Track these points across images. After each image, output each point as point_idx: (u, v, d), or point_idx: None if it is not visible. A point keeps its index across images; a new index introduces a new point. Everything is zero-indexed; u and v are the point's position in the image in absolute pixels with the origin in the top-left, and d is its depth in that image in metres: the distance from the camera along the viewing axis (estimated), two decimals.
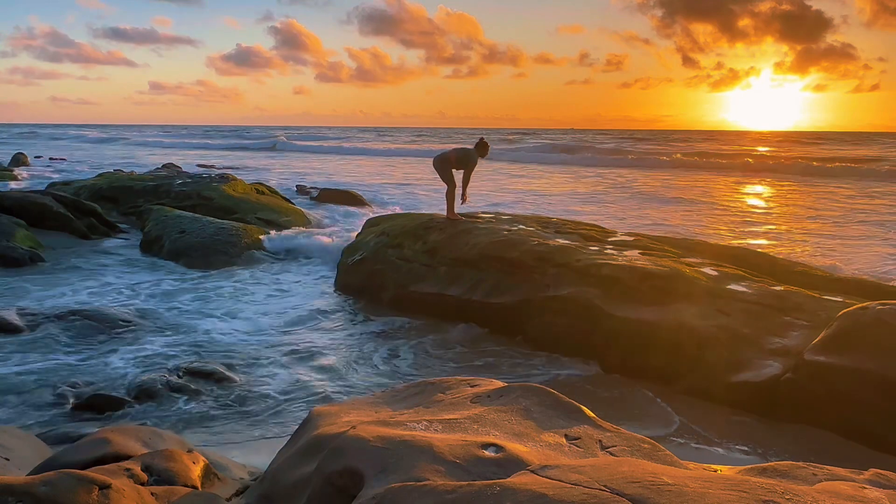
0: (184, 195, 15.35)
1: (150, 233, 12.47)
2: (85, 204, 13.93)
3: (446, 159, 9.10)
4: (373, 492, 2.20)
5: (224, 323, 7.84)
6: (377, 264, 9.14)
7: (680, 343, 6.05)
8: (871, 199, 21.03)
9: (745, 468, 2.41)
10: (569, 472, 2.11)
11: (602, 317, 6.61)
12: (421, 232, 9.06)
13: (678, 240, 9.13)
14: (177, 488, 3.07)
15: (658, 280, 6.72)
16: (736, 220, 16.52)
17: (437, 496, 2.05)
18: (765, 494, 1.93)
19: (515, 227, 8.67)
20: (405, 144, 62.46)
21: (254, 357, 6.68)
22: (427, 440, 2.44)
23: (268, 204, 15.27)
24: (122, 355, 6.58)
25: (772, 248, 12.26)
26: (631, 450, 2.51)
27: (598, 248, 7.83)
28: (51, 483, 2.58)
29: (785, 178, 29.11)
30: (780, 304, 6.22)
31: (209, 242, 11.57)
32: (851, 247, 12.72)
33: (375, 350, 7.03)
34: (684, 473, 2.14)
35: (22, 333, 7.14)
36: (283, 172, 31.40)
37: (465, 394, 3.08)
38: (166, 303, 8.60)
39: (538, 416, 2.79)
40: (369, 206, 18.76)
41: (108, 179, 17.65)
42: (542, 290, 7.20)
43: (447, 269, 8.23)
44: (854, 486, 2.10)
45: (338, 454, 2.51)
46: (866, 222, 15.94)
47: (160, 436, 3.86)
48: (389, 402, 3.22)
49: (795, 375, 5.27)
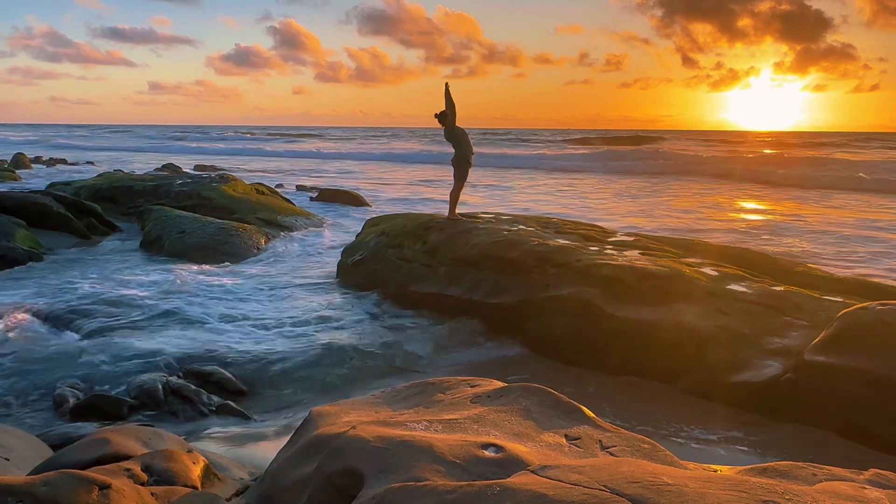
0: (184, 195, 15.36)
1: (149, 233, 12.47)
2: (85, 204, 13.93)
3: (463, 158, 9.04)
4: (373, 492, 2.20)
5: (224, 323, 7.83)
6: (377, 264, 9.15)
7: (680, 343, 6.05)
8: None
9: (745, 468, 2.41)
10: (569, 472, 2.11)
11: (602, 317, 6.61)
12: (421, 232, 9.06)
13: (678, 240, 9.13)
14: (177, 488, 3.07)
15: (658, 280, 6.72)
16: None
17: (437, 496, 2.05)
18: (765, 494, 1.93)
19: (515, 228, 8.67)
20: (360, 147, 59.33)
21: (253, 357, 6.67)
22: (427, 440, 2.44)
23: (267, 204, 15.27)
24: (121, 355, 6.57)
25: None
26: (631, 450, 2.51)
27: (597, 249, 7.82)
28: (51, 483, 2.59)
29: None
30: (780, 304, 6.22)
31: (209, 242, 11.58)
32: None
33: (375, 350, 7.03)
34: (684, 473, 2.14)
35: (22, 333, 7.14)
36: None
37: (465, 394, 3.08)
38: (166, 303, 8.59)
39: (538, 416, 2.79)
40: (369, 206, 18.77)
41: (107, 179, 17.65)
42: (542, 291, 7.20)
43: (447, 269, 8.23)
44: (854, 486, 2.10)
45: (338, 454, 2.51)
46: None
47: (160, 436, 3.86)
48: (389, 402, 3.22)
49: (795, 375, 5.27)
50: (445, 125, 8.90)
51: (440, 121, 8.91)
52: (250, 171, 33.22)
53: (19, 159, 32.80)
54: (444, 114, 8.85)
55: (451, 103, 8.80)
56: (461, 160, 9.01)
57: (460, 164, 9.03)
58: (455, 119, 8.86)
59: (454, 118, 8.84)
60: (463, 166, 9.03)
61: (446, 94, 8.81)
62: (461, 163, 9.02)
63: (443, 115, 8.86)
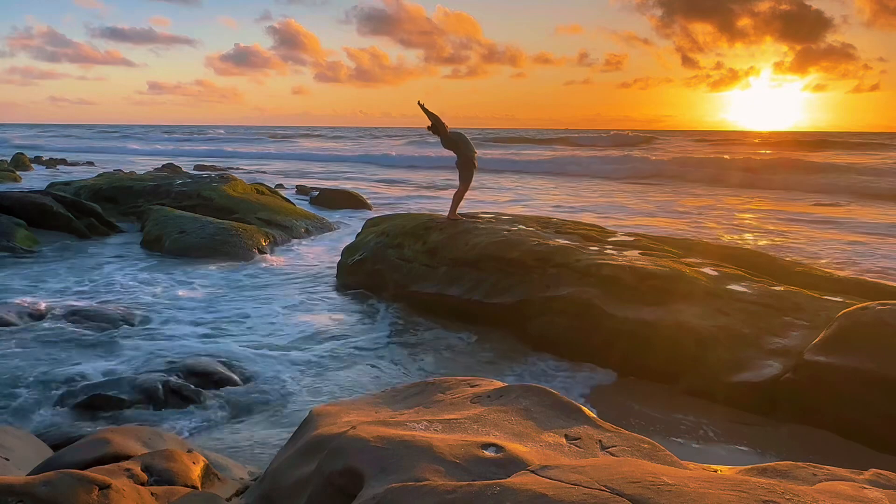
0: (184, 195, 15.36)
1: (150, 232, 12.48)
2: (85, 204, 13.93)
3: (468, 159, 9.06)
4: (373, 492, 2.20)
5: (224, 322, 7.83)
6: (377, 264, 9.15)
7: (680, 343, 6.04)
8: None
9: (745, 468, 2.41)
10: (569, 472, 2.11)
11: (602, 317, 6.61)
12: (421, 232, 9.06)
13: (678, 240, 9.13)
14: (177, 488, 3.07)
15: (658, 280, 6.72)
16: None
17: (437, 496, 2.05)
18: (765, 494, 1.93)
19: (515, 228, 8.67)
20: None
21: (254, 357, 6.67)
22: (427, 440, 2.44)
23: (268, 204, 15.26)
24: (121, 355, 6.57)
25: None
26: (631, 450, 2.50)
27: (597, 249, 7.82)
28: (51, 483, 2.58)
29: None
30: (780, 304, 6.22)
31: (209, 242, 11.58)
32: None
33: (376, 350, 7.03)
34: (684, 473, 2.14)
35: (21, 333, 7.14)
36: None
37: (465, 394, 3.08)
38: (166, 302, 8.60)
39: (538, 416, 2.79)
40: (368, 207, 18.77)
41: (108, 179, 17.65)
42: (542, 291, 7.20)
43: (447, 269, 8.23)
44: (854, 486, 2.10)
45: (338, 454, 2.51)
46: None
47: (160, 436, 3.86)
48: (389, 402, 3.22)
49: (795, 375, 5.27)
50: (439, 135, 8.96)
51: (433, 133, 8.97)
52: (250, 171, 33.23)
53: (19, 159, 32.81)
54: (432, 127, 8.91)
55: (432, 115, 8.83)
56: (466, 163, 9.02)
57: (466, 166, 9.04)
58: (445, 127, 8.90)
59: (444, 126, 8.88)
60: (468, 168, 9.04)
61: (424, 111, 8.84)
62: (466, 165, 9.03)
63: (432, 128, 8.92)
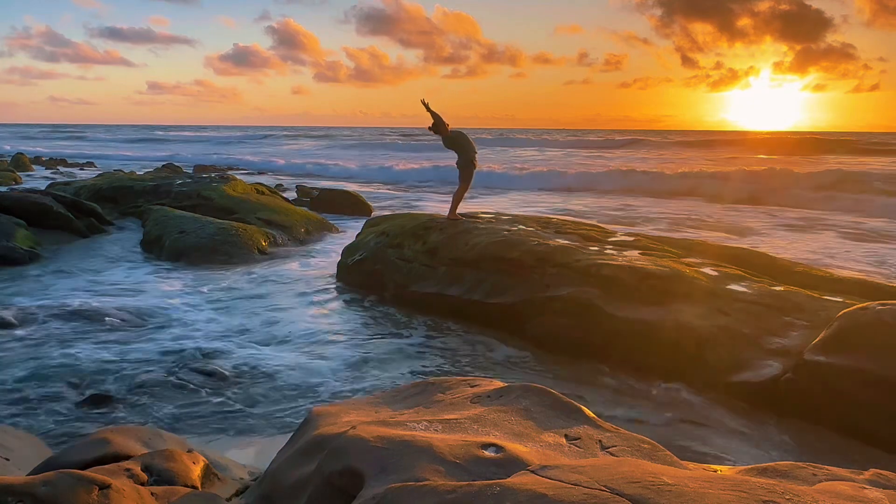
0: (184, 195, 15.35)
1: (150, 232, 12.47)
2: (85, 204, 13.93)
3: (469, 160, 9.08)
4: (373, 492, 2.20)
5: (224, 322, 7.83)
6: (377, 264, 9.15)
7: (680, 343, 6.04)
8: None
9: (745, 468, 2.41)
10: (569, 472, 2.11)
11: (602, 317, 6.61)
12: (421, 232, 9.06)
13: (678, 240, 9.13)
14: (177, 488, 3.07)
15: (658, 280, 6.72)
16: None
17: (437, 496, 2.05)
18: (765, 494, 1.93)
19: (515, 228, 8.67)
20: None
21: (253, 356, 6.67)
22: (427, 440, 2.44)
23: (268, 204, 15.25)
24: (121, 354, 6.57)
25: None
26: (631, 450, 2.50)
27: (597, 249, 7.82)
28: (51, 483, 2.58)
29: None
30: (780, 304, 6.21)
31: (209, 242, 11.57)
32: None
33: (376, 350, 7.03)
34: (684, 473, 2.14)
35: (21, 332, 7.14)
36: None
37: (465, 394, 3.08)
38: (166, 302, 8.59)
39: (538, 416, 2.79)
40: (369, 207, 18.75)
41: (108, 179, 17.66)
42: (542, 291, 7.20)
43: (447, 269, 8.23)
44: (854, 486, 2.10)
45: (338, 454, 2.51)
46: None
47: (160, 436, 3.86)
48: (389, 402, 3.22)
49: (795, 375, 5.27)
50: (440, 135, 8.98)
51: (434, 132, 8.98)
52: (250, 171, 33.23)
53: (19, 159, 32.83)
54: (434, 125, 8.93)
55: (434, 114, 8.85)
56: (466, 164, 9.04)
57: (466, 167, 9.06)
58: (447, 126, 8.91)
59: (445, 126, 8.89)
60: (468, 168, 9.06)
61: (427, 109, 8.87)
62: (466, 166, 9.05)
63: (434, 127, 8.94)
